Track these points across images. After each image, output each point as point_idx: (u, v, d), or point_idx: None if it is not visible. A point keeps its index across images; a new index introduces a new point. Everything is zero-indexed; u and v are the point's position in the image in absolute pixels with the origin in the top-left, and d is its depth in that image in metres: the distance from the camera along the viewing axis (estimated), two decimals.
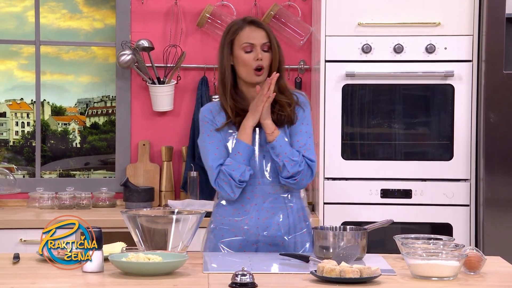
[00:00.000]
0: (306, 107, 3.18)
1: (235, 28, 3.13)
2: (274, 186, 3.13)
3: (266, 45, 3.12)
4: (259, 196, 3.13)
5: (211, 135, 3.14)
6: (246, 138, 3.08)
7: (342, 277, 2.53)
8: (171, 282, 2.56)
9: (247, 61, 3.10)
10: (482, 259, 2.73)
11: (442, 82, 4.14)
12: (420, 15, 4.11)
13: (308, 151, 3.11)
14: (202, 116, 3.17)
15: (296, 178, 3.08)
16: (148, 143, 4.67)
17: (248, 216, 3.13)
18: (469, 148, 4.12)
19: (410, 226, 4.09)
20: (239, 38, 3.12)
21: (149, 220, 2.90)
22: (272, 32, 3.14)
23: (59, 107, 4.84)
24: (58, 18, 4.79)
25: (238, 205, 3.14)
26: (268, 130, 3.07)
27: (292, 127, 3.14)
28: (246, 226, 3.13)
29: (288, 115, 3.12)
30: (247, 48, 3.11)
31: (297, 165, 3.07)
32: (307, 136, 3.14)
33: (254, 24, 3.12)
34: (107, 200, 4.56)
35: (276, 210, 3.14)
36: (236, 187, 3.08)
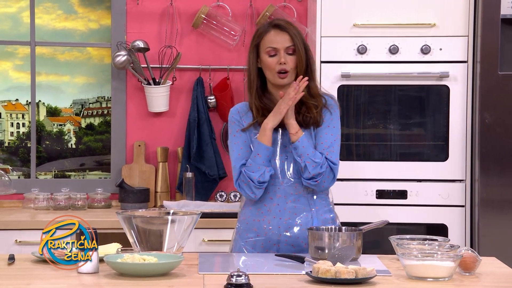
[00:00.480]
0: (334, 110, 3.17)
1: (260, 31, 3.16)
2: (297, 187, 3.14)
3: (290, 49, 3.12)
4: (282, 196, 3.14)
5: (237, 135, 3.17)
6: (265, 140, 3.09)
7: (337, 278, 2.53)
8: (167, 283, 2.56)
9: (270, 65, 3.12)
10: (477, 259, 2.73)
11: (437, 83, 4.14)
12: (415, 16, 4.12)
13: (331, 153, 3.11)
14: (230, 117, 3.21)
15: (317, 180, 3.08)
16: (143, 144, 4.67)
17: (271, 216, 3.14)
18: (464, 149, 4.13)
19: (406, 227, 4.09)
20: (263, 42, 3.14)
21: (144, 221, 2.90)
22: (298, 35, 3.12)
23: (55, 108, 4.84)
24: (53, 19, 4.79)
25: (261, 205, 3.16)
26: (292, 130, 3.08)
27: (318, 129, 3.14)
28: (268, 226, 3.14)
29: (314, 117, 3.13)
30: (271, 52, 3.12)
31: (318, 166, 3.07)
32: (332, 139, 3.14)
33: (279, 28, 3.12)
34: (103, 201, 4.56)
35: (299, 211, 3.14)
36: (256, 188, 3.10)
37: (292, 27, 3.14)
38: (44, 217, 4.25)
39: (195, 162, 4.58)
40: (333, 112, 3.17)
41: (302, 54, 3.11)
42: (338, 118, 3.18)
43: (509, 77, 4.06)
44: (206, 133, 4.59)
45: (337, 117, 3.18)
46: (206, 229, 4.14)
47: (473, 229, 4.10)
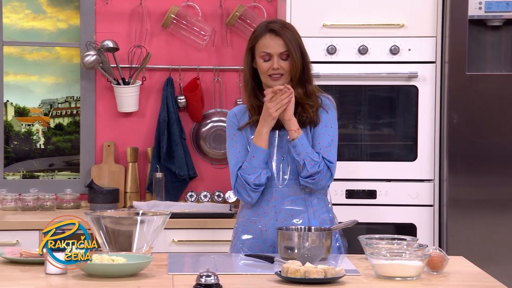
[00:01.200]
0: (330, 110, 3.18)
1: (255, 34, 3.16)
2: (294, 188, 3.14)
3: (284, 54, 3.12)
4: (278, 198, 3.14)
5: (235, 138, 3.17)
6: (261, 142, 3.09)
7: (306, 278, 2.54)
8: (136, 284, 2.55)
9: (264, 69, 3.13)
10: (445, 259, 2.75)
11: (406, 83, 4.17)
12: (384, 16, 4.14)
13: (328, 152, 3.12)
14: (228, 120, 3.21)
15: (315, 178, 3.09)
16: (113, 144, 4.65)
17: (267, 218, 3.14)
18: (432, 149, 4.16)
19: (375, 227, 4.11)
20: (258, 46, 3.14)
21: (113, 222, 2.89)
22: (292, 39, 3.12)
23: (23, 108, 4.80)
24: (21, 19, 4.75)
25: (258, 206, 3.16)
26: (293, 127, 3.08)
27: (315, 129, 3.15)
28: (264, 228, 3.14)
29: (311, 117, 3.13)
30: (265, 57, 3.13)
31: (316, 165, 3.07)
32: (330, 139, 3.14)
33: (274, 33, 3.12)
34: (72, 201, 4.53)
35: (296, 212, 3.14)
36: (252, 191, 3.10)
37: (288, 32, 3.13)
38: (12, 218, 4.22)
39: (165, 162, 4.57)
40: (330, 112, 3.18)
41: (297, 59, 3.11)
42: (335, 118, 3.19)
43: (476, 77, 4.10)
44: (176, 133, 4.58)
45: (334, 117, 3.18)
46: (176, 229, 4.13)
47: (441, 228, 4.13)
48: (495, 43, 4.17)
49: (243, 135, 3.17)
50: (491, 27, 4.16)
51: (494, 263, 3.96)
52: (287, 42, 3.11)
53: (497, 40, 4.17)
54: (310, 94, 3.17)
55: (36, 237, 4.06)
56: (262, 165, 3.10)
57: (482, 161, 4.09)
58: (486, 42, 4.17)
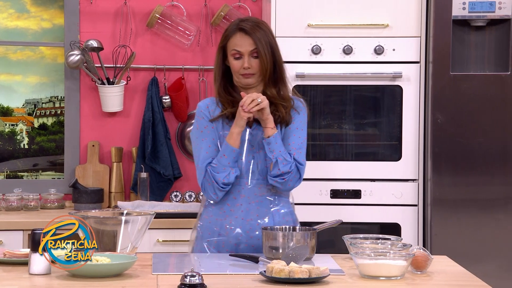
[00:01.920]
0: (302, 112, 3.18)
1: (227, 33, 3.16)
2: (261, 188, 3.14)
3: (254, 52, 3.12)
4: (245, 197, 3.13)
5: (205, 132, 3.14)
6: (232, 142, 3.07)
7: (291, 278, 2.54)
8: (120, 284, 2.55)
9: (235, 67, 3.13)
10: (429, 258, 2.76)
11: (391, 83, 4.18)
12: (368, 16, 4.15)
13: (298, 154, 3.12)
14: (198, 111, 3.18)
15: (285, 178, 3.08)
16: (97, 144, 4.64)
17: (233, 217, 3.13)
18: (417, 149, 4.17)
19: (359, 226, 4.12)
20: (229, 45, 3.14)
21: (97, 222, 2.88)
22: (263, 38, 3.11)
23: (7, 107, 4.78)
24: (5, 18, 4.73)
25: (224, 204, 3.14)
26: (269, 124, 3.07)
27: (287, 130, 3.15)
28: (230, 226, 3.13)
29: (283, 116, 3.13)
30: (235, 55, 3.13)
31: (288, 165, 3.07)
32: (300, 141, 3.15)
33: (243, 31, 3.12)
34: (56, 201, 4.52)
35: (262, 213, 3.13)
36: (219, 189, 3.09)
37: (259, 30, 3.12)
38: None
39: (150, 162, 4.56)
40: (302, 115, 3.18)
41: (266, 58, 3.11)
42: (306, 121, 3.19)
43: (460, 77, 4.11)
44: (161, 133, 4.57)
45: (305, 120, 3.19)
46: (161, 229, 4.13)
47: (425, 228, 4.15)
48: (479, 43, 4.19)
49: (214, 129, 3.15)
50: (475, 27, 4.17)
51: (478, 262, 3.98)
52: (256, 41, 3.10)
53: (480, 40, 4.19)
54: (284, 94, 3.16)
55: (20, 237, 4.05)
56: (232, 164, 3.08)
57: (466, 160, 4.11)
58: (470, 42, 4.19)
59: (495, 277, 3.94)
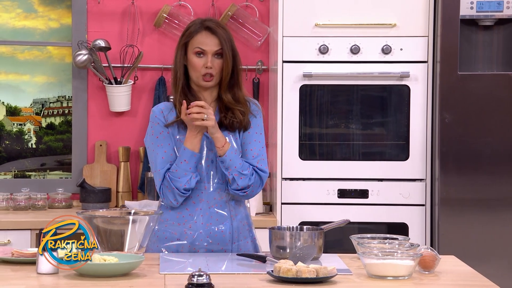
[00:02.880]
0: (257, 115, 3.15)
1: (191, 30, 3.09)
2: (220, 192, 3.10)
3: (218, 52, 3.07)
4: (205, 201, 3.09)
5: (160, 137, 3.08)
6: (193, 146, 3.02)
7: (298, 277, 2.54)
8: (127, 283, 2.55)
9: (196, 66, 3.07)
10: (437, 258, 2.76)
11: (398, 82, 4.17)
12: (376, 16, 4.15)
13: (261, 161, 3.09)
14: (153, 117, 3.12)
15: (246, 191, 3.06)
16: (105, 143, 4.64)
17: (192, 221, 3.09)
18: (424, 149, 4.17)
19: (367, 226, 4.12)
20: (192, 42, 3.08)
21: (105, 221, 2.88)
22: (227, 39, 3.07)
23: (14, 107, 4.79)
24: (13, 18, 4.74)
25: (182, 209, 3.10)
26: (218, 144, 3.02)
27: (246, 135, 3.11)
28: (189, 231, 3.09)
29: (241, 121, 3.09)
30: (198, 52, 3.07)
31: (247, 178, 3.04)
32: (260, 146, 3.12)
33: (210, 30, 3.07)
34: (63, 201, 4.52)
35: (221, 217, 3.10)
36: (179, 195, 3.04)
37: (223, 31, 3.08)
38: (4, 217, 4.20)
39: None
40: (258, 118, 3.15)
41: (229, 60, 3.06)
42: (262, 124, 3.16)
43: (468, 77, 4.11)
44: None
45: (261, 122, 3.16)
46: None
47: (433, 228, 4.14)
48: (487, 43, 4.18)
49: (170, 134, 3.09)
50: (482, 27, 4.17)
51: (486, 262, 3.97)
52: (222, 41, 3.06)
53: (488, 40, 4.18)
54: (239, 99, 3.11)
55: (28, 236, 4.06)
56: (193, 169, 3.03)
57: (473, 160, 4.10)
58: (478, 42, 4.18)
59: (503, 277, 3.93)
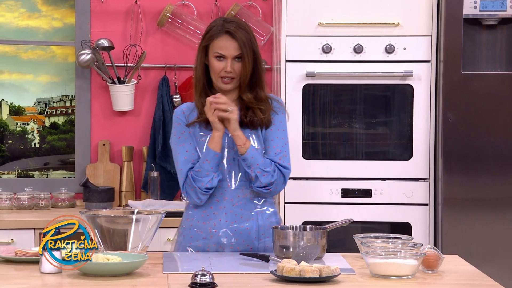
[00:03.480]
0: (281, 112, 3.16)
1: (211, 34, 3.11)
2: (244, 190, 3.12)
3: (238, 56, 3.08)
4: (228, 199, 3.11)
5: (182, 138, 3.12)
6: (214, 146, 3.05)
7: (301, 277, 2.54)
8: (131, 283, 2.55)
9: (216, 69, 3.10)
10: (440, 257, 2.75)
11: (402, 82, 4.17)
12: (379, 15, 4.14)
13: (283, 158, 3.10)
14: (175, 118, 3.16)
15: (270, 188, 3.07)
16: (108, 143, 4.65)
17: (217, 219, 3.11)
18: (428, 148, 4.16)
19: (370, 225, 4.12)
20: (212, 46, 3.10)
21: (108, 221, 2.89)
22: (247, 42, 3.07)
23: (18, 106, 4.79)
24: (16, 17, 4.74)
25: (207, 207, 3.12)
26: (239, 142, 3.04)
27: (268, 132, 3.12)
28: (214, 229, 3.11)
29: (261, 119, 3.10)
30: (218, 56, 3.09)
31: (269, 175, 3.05)
32: (283, 143, 3.12)
33: (229, 34, 3.08)
34: (67, 200, 4.53)
35: (246, 215, 3.12)
36: (202, 194, 3.07)
37: (243, 33, 3.08)
38: (7, 216, 4.21)
39: (160, 161, 4.56)
40: (281, 115, 3.15)
41: (248, 63, 3.07)
42: (285, 120, 3.17)
43: (471, 76, 4.10)
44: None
45: (285, 119, 3.17)
46: (171, 228, 4.12)
47: (436, 227, 4.14)
48: (490, 42, 4.18)
49: (191, 134, 3.12)
50: (486, 26, 4.16)
51: (489, 261, 3.97)
52: (241, 45, 3.07)
53: (492, 39, 4.18)
54: (261, 98, 3.12)
55: (31, 236, 4.06)
56: (215, 169, 3.06)
57: (477, 160, 4.10)
58: (481, 41, 4.18)
59: (507, 276, 3.93)
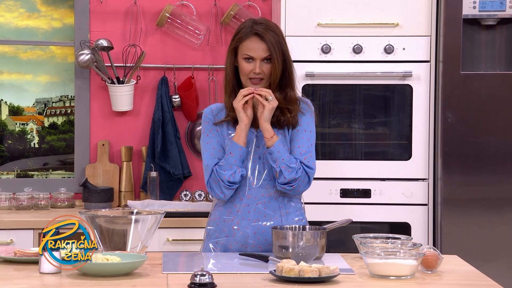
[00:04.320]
0: (309, 114, 3.17)
1: (240, 35, 3.12)
2: (268, 189, 3.13)
3: (267, 57, 3.10)
4: (252, 197, 3.12)
5: (210, 135, 3.15)
6: (239, 139, 3.08)
7: (301, 277, 2.54)
8: (130, 283, 2.55)
9: (245, 70, 3.11)
10: (439, 258, 2.75)
11: (401, 82, 4.17)
12: (378, 15, 4.14)
13: (309, 158, 3.11)
14: (204, 117, 3.20)
15: (293, 185, 3.08)
16: (107, 143, 4.65)
17: (240, 217, 3.12)
18: (427, 148, 4.17)
19: (369, 226, 4.12)
20: (241, 47, 3.12)
21: (108, 221, 2.89)
22: (277, 43, 3.09)
23: (17, 107, 4.79)
24: (16, 17, 4.74)
25: (231, 205, 3.14)
26: (267, 135, 3.07)
27: (294, 132, 3.14)
28: (236, 227, 3.12)
29: (288, 119, 3.12)
30: (247, 58, 3.11)
31: (294, 172, 3.06)
32: (309, 143, 3.14)
33: (258, 36, 3.09)
34: (66, 200, 4.53)
35: (269, 213, 3.13)
36: (226, 188, 3.09)
37: (272, 35, 3.10)
38: (6, 217, 4.21)
39: (160, 161, 4.56)
40: (308, 116, 3.17)
41: (278, 65, 3.09)
42: (313, 122, 3.18)
43: (470, 76, 4.10)
44: (170, 132, 4.58)
45: (313, 121, 3.18)
46: (171, 228, 4.13)
47: (435, 227, 4.14)
48: (489, 42, 4.18)
49: (219, 132, 3.15)
50: (485, 26, 4.16)
51: (489, 261, 3.97)
52: (270, 47, 3.09)
53: (491, 39, 4.18)
54: (291, 99, 3.14)
55: (31, 236, 4.06)
56: (238, 163, 3.08)
57: (476, 160, 4.10)
58: (480, 41, 4.18)
59: (506, 276, 3.93)
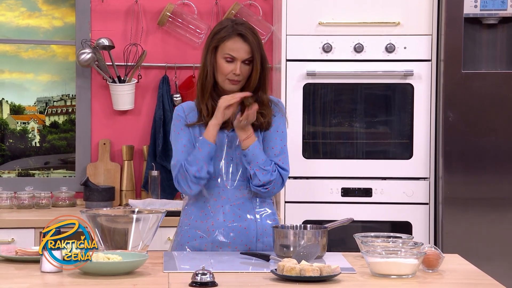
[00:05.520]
0: (279, 114, 3.16)
1: (222, 35, 3.08)
2: (242, 190, 3.12)
3: (248, 59, 3.08)
4: (226, 198, 3.11)
5: (181, 133, 3.13)
6: (209, 136, 3.06)
7: (302, 276, 2.54)
8: (131, 282, 2.55)
9: (225, 71, 3.08)
10: (440, 257, 2.75)
11: (402, 81, 4.17)
12: (380, 14, 4.14)
13: (283, 159, 3.11)
14: (175, 114, 3.17)
15: (267, 187, 3.08)
16: (108, 142, 4.65)
17: (214, 218, 3.11)
18: (428, 147, 4.16)
19: (371, 225, 4.12)
20: (223, 47, 3.08)
21: (109, 220, 2.89)
22: (257, 46, 3.07)
23: (18, 106, 4.79)
24: (17, 16, 4.74)
25: (205, 206, 3.13)
26: (241, 137, 3.06)
27: (267, 133, 3.12)
28: (212, 228, 3.11)
29: (261, 123, 3.10)
30: (228, 59, 3.08)
31: (268, 174, 3.06)
32: (282, 144, 3.13)
33: (242, 37, 3.07)
34: (67, 199, 4.53)
35: (243, 214, 3.12)
36: (192, 183, 3.06)
37: (254, 37, 3.08)
38: (8, 216, 4.21)
39: (161, 160, 4.56)
40: (280, 117, 3.16)
41: (259, 68, 3.07)
42: (284, 122, 3.17)
43: (472, 75, 4.10)
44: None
45: (284, 122, 3.17)
46: (172, 227, 4.11)
47: (436, 226, 4.14)
48: (491, 41, 4.18)
49: (190, 131, 3.13)
50: (486, 25, 4.16)
51: (490, 261, 3.97)
52: (253, 49, 3.07)
53: (492, 38, 4.18)
54: (263, 102, 3.11)
55: (32, 235, 4.06)
56: (206, 159, 3.05)
57: (477, 159, 4.10)
58: (482, 40, 4.18)
59: (507, 275, 3.93)
